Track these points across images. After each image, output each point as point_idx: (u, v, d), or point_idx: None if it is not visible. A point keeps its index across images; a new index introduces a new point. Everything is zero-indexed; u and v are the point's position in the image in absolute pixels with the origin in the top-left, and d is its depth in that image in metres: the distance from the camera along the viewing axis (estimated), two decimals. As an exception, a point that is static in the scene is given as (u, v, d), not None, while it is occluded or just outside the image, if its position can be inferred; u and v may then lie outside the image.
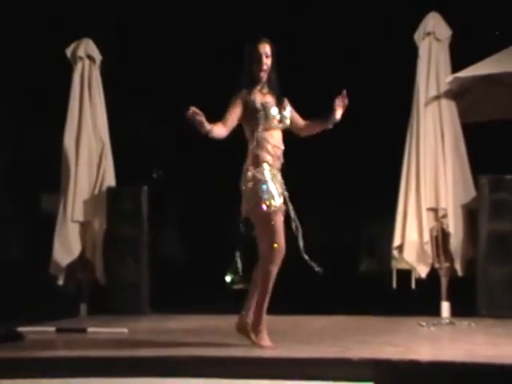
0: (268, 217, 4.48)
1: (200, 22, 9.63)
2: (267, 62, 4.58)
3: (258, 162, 4.54)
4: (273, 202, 4.50)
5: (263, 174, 4.53)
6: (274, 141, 4.59)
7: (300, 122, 4.79)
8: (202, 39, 9.69)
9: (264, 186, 4.51)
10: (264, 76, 4.61)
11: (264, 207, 4.48)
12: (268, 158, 4.56)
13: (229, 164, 5.38)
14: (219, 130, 4.48)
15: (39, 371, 4.01)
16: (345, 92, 4.62)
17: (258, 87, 4.62)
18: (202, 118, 4.34)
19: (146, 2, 9.47)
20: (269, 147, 4.56)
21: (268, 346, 4.49)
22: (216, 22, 9.60)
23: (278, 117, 4.57)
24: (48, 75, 8.44)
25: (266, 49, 4.58)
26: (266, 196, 4.49)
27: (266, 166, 4.55)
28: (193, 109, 4.31)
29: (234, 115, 4.55)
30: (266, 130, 4.57)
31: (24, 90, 9.09)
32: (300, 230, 4.70)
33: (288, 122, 4.65)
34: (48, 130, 8.21)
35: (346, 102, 4.64)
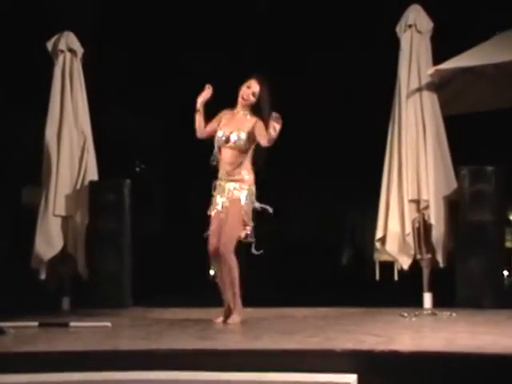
0: None
1: (182, 14, 9.60)
2: (250, 93, 5.36)
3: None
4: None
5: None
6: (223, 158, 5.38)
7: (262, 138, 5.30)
8: (184, 32, 9.66)
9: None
10: (244, 103, 5.38)
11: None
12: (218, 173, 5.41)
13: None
14: (200, 126, 5.40)
15: (21, 366, 3.99)
16: (276, 116, 5.02)
17: (233, 111, 5.42)
18: (204, 97, 5.31)
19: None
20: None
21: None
22: (198, 14, 9.58)
23: (223, 138, 5.36)
24: (30, 67, 8.38)
25: (252, 84, 5.37)
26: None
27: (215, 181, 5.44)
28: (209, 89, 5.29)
29: (212, 126, 5.45)
30: (219, 148, 5.39)
31: (4, 83, 9.02)
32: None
33: (239, 142, 5.33)
34: (29, 123, 8.15)
35: (278, 126, 5.02)
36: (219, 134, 5.40)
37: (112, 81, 9.27)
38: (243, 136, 5.35)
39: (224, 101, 5.47)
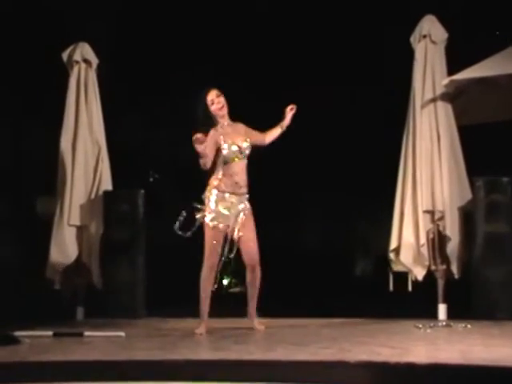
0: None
1: (196, 24, 9.64)
2: (220, 101, 5.47)
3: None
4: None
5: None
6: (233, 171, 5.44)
7: (260, 138, 5.61)
8: (198, 42, 9.70)
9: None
10: (223, 111, 5.49)
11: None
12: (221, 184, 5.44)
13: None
14: (208, 162, 5.38)
15: (36, 376, 4.01)
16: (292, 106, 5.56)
17: (222, 126, 5.48)
18: (204, 144, 5.25)
19: (143, 5, 9.47)
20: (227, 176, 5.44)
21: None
22: (212, 25, 9.61)
23: (236, 150, 5.43)
24: (45, 77, 8.43)
25: (214, 93, 5.49)
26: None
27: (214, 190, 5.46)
28: (198, 136, 5.20)
29: (213, 154, 5.42)
30: (228, 163, 5.43)
31: (21, 92, 9.08)
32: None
33: (247, 152, 5.47)
34: (45, 132, 8.20)
35: (294, 110, 5.56)
36: (227, 148, 5.42)
37: (127, 91, 9.31)
38: (248, 143, 5.51)
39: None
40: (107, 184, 7.04)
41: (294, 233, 10.95)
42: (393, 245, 6.51)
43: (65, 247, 6.78)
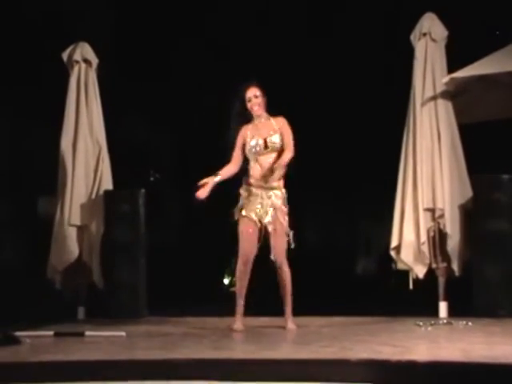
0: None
1: (197, 23, 9.64)
2: (257, 102, 5.49)
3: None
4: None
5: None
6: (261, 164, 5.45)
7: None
8: (198, 42, 9.70)
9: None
10: (258, 112, 5.49)
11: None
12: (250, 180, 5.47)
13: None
14: (229, 171, 5.52)
15: (37, 376, 4.01)
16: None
17: (254, 122, 5.52)
18: (209, 184, 5.41)
19: (144, 4, 9.48)
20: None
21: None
22: (212, 25, 9.62)
23: (261, 144, 5.44)
24: (45, 78, 8.44)
25: (253, 91, 5.49)
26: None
27: (244, 186, 5.50)
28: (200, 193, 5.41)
29: (239, 152, 5.52)
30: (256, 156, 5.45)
31: (21, 93, 9.09)
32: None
33: (276, 144, 5.46)
34: (45, 133, 8.20)
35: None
36: (253, 143, 5.45)
37: (127, 90, 9.32)
38: (277, 138, 5.47)
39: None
40: (108, 184, 7.04)
41: (294, 231, 10.95)
42: (394, 243, 6.51)
43: (65, 247, 6.78)
